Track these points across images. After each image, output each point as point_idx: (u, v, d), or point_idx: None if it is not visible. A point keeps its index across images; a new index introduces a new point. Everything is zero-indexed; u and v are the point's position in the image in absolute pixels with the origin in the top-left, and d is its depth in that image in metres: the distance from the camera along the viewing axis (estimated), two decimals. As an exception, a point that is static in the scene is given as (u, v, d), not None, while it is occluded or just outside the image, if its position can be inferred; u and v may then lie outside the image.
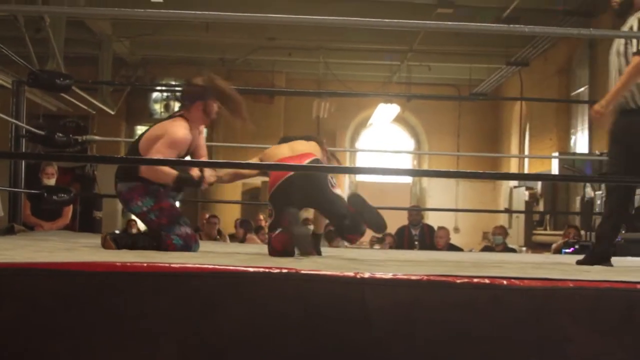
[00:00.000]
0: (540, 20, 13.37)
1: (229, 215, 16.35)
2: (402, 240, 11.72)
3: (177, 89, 23.34)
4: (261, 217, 15.04)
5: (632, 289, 3.20)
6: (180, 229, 5.13)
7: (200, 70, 19.53)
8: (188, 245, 5.12)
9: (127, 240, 5.03)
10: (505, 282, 3.10)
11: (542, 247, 13.95)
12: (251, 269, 2.98)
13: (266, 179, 5.42)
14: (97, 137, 10.55)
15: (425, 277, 3.04)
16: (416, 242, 11.63)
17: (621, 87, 5.20)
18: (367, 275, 2.99)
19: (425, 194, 21.53)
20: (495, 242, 11.83)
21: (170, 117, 5.44)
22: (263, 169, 5.36)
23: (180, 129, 5.15)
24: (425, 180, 21.70)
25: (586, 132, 15.62)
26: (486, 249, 12.28)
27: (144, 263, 2.96)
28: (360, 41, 17.07)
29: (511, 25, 4.46)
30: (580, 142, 16.20)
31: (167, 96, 21.73)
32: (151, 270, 2.93)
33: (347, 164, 21.33)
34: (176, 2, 14.18)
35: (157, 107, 21.97)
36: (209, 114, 5.30)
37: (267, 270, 2.97)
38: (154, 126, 5.35)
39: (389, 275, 3.01)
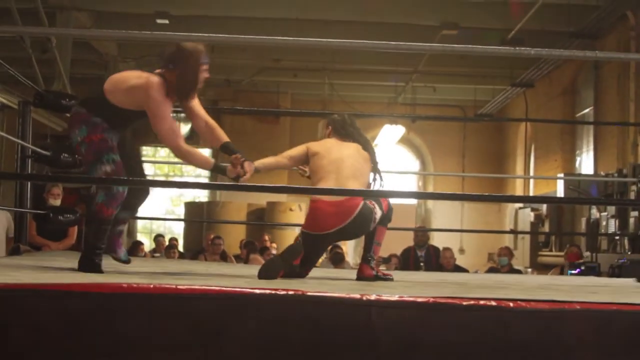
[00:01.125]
0: (545, 42, 13.37)
1: (234, 236, 16.34)
2: (408, 261, 11.70)
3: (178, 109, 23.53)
4: (266, 237, 15.04)
5: (638, 311, 3.19)
6: (101, 168, 4.67)
7: (205, 91, 19.65)
8: (111, 196, 4.68)
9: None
10: (511, 304, 3.09)
11: (547, 268, 13.93)
12: (257, 291, 2.98)
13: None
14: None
15: (432, 299, 3.04)
16: (422, 264, 11.61)
17: None
18: (373, 297, 2.99)
19: (431, 215, 21.52)
20: (501, 263, 11.80)
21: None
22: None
23: (151, 78, 4.82)
24: (430, 201, 21.70)
25: (591, 153, 15.61)
26: (492, 270, 12.26)
27: (150, 284, 2.96)
28: (365, 62, 17.11)
29: (517, 48, 4.47)
30: (586, 163, 16.20)
31: (173, 117, 21.78)
32: (158, 292, 2.93)
33: (352, 185, 21.36)
34: (182, 23, 14.24)
35: (163, 128, 22.02)
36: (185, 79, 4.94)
37: (273, 292, 2.96)
38: (126, 72, 5.04)
39: (396, 297, 3.01)
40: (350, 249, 20.65)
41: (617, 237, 12.06)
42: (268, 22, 14.54)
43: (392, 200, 5.36)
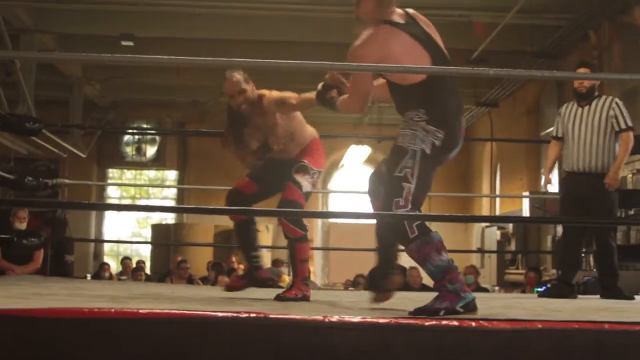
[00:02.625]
0: (509, 61, 13.49)
1: (202, 258, 16.26)
2: (374, 281, 11.68)
3: (148, 131, 23.44)
4: (234, 259, 14.98)
5: (600, 329, 3.22)
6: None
7: (171, 112, 19.59)
8: None
9: None
10: (473, 323, 3.11)
11: (514, 286, 13.98)
12: (220, 314, 2.97)
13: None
14: (67, 181, 10.52)
15: (394, 320, 3.05)
16: (388, 284, 11.60)
17: (622, 159, 6.89)
18: (335, 318, 2.99)
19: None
20: (467, 282, 11.77)
21: None
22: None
23: None
24: (397, 221, 21.71)
25: (556, 171, 15.71)
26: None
27: (111, 309, 2.95)
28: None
29: (475, 68, 4.51)
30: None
31: (139, 139, 21.71)
32: (119, 317, 2.92)
33: (320, 206, 21.37)
34: (147, 45, 14.22)
35: (129, 150, 21.94)
36: None
37: (235, 315, 2.96)
38: None
39: (358, 319, 3.02)
40: (318, 269, 20.65)
41: (582, 255, 12.11)
42: (233, 44, 14.54)
43: (359, 221, 5.40)
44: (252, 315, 2.97)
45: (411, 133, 3.93)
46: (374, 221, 4.94)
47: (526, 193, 15.79)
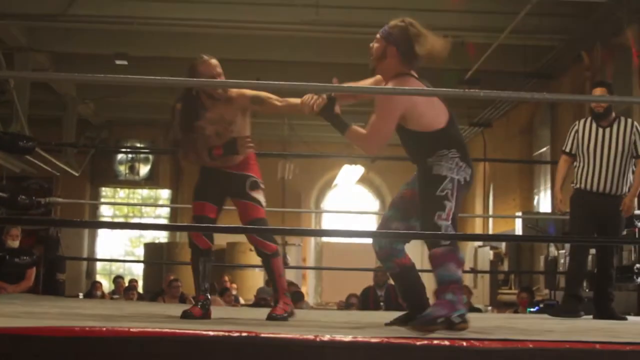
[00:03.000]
0: (502, 82, 13.54)
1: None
2: (368, 301, 11.68)
3: (142, 150, 23.44)
4: (226, 278, 14.98)
5: (591, 349, 3.22)
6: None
7: (164, 132, 19.54)
8: None
9: None
10: (465, 343, 3.11)
11: (507, 306, 13.97)
12: (211, 333, 2.97)
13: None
14: (60, 200, 10.51)
15: (385, 340, 3.04)
16: (382, 303, 11.60)
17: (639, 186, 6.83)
18: (326, 337, 2.99)
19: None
20: (461, 301, 11.82)
21: None
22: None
23: None
24: (391, 241, 21.70)
25: (549, 192, 15.75)
26: (451, 308, 12.27)
27: (103, 327, 2.94)
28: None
29: (466, 90, 4.54)
30: (543, 201, 16.33)
31: (132, 158, 21.71)
32: (110, 335, 2.91)
33: (313, 225, 21.37)
34: (141, 64, 14.25)
35: (122, 169, 21.94)
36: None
37: (226, 334, 2.96)
38: None
39: (349, 338, 3.02)
40: (311, 289, 20.64)
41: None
42: (227, 64, 14.51)
43: (353, 240, 5.34)
44: (244, 334, 2.97)
45: (447, 165, 4.37)
46: (366, 241, 5.08)
47: (519, 213, 15.82)
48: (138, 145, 21.45)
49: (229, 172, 5.30)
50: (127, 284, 15.32)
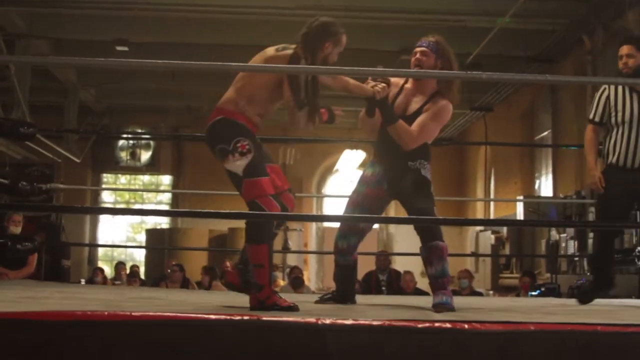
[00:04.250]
0: (504, 66, 13.50)
1: (196, 263, 16.25)
2: (370, 285, 11.71)
3: (143, 136, 23.42)
4: (228, 263, 14.98)
5: (593, 331, 3.22)
6: None
7: (165, 117, 19.59)
8: None
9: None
10: (466, 325, 3.11)
11: (509, 290, 13.99)
12: (213, 316, 2.98)
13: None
14: (61, 186, 10.53)
15: (387, 323, 3.05)
16: (383, 287, 11.63)
17: None
18: (328, 321, 3.00)
19: (392, 239, 21.53)
20: (461, 285, 11.85)
21: None
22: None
23: None
24: (392, 226, 21.72)
25: (550, 175, 15.74)
26: (453, 292, 12.28)
27: (104, 312, 2.95)
28: (325, 87, 17.15)
29: (468, 72, 4.55)
30: (545, 185, 16.32)
31: (134, 144, 21.70)
32: (112, 319, 2.92)
33: (314, 210, 21.36)
34: (141, 50, 14.22)
35: (123, 155, 21.92)
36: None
37: (228, 317, 2.97)
38: None
39: (350, 321, 3.02)
40: (313, 273, 20.66)
41: (576, 259, 12.15)
42: (229, 49, 14.52)
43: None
44: (246, 317, 2.98)
45: (429, 171, 5.15)
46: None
47: (520, 197, 15.82)
48: (139, 131, 21.44)
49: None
50: (128, 270, 15.34)
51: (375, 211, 5.14)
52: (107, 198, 22.61)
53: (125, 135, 22.91)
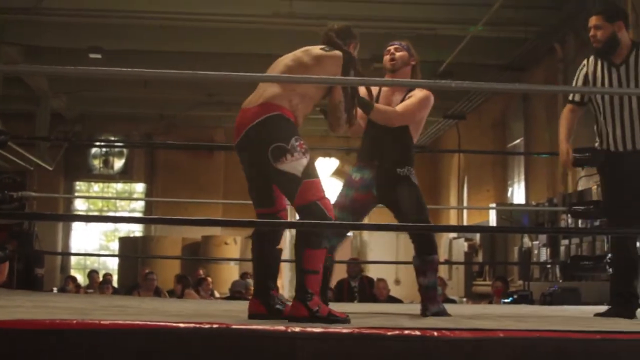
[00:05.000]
0: (476, 74, 13.56)
1: (169, 271, 16.21)
2: (342, 293, 11.71)
3: (115, 144, 23.34)
4: (201, 272, 14.95)
5: (561, 338, 3.24)
6: None
7: (138, 125, 19.52)
8: None
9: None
10: (435, 333, 3.12)
11: (482, 297, 14.03)
12: (182, 325, 2.97)
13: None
14: (33, 194, 10.49)
15: (356, 330, 3.06)
16: (356, 294, 11.64)
17: None
18: (297, 329, 3.00)
19: (366, 247, 21.56)
20: (435, 293, 11.85)
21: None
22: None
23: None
24: (365, 233, 21.73)
25: (522, 183, 15.82)
26: (426, 300, 12.31)
27: (73, 320, 2.94)
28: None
29: (437, 81, 4.58)
30: (517, 193, 16.40)
31: (106, 152, 21.62)
32: (80, 328, 2.91)
33: (289, 217, 21.32)
34: (115, 57, 14.17)
35: (96, 163, 21.83)
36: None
37: (197, 326, 2.96)
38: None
39: (320, 329, 3.03)
40: (286, 281, 20.62)
41: (548, 266, 12.21)
42: (201, 57, 14.52)
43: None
44: (215, 326, 2.97)
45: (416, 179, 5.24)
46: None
47: (493, 205, 15.89)
48: (112, 138, 21.37)
49: None
50: (101, 279, 15.27)
51: (360, 215, 5.17)
52: (80, 206, 22.50)
53: (98, 143, 22.82)
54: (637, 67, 5.31)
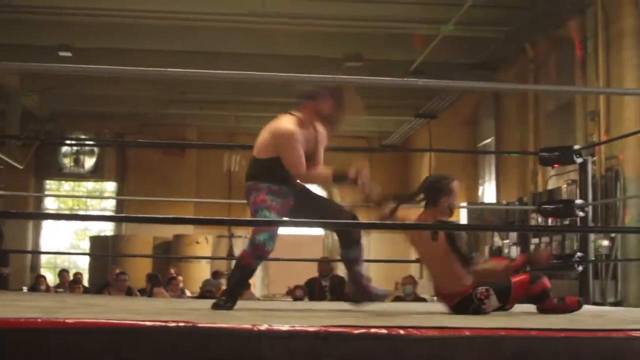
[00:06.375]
0: (447, 74, 13.59)
1: (140, 270, 16.15)
2: (313, 291, 11.72)
3: (87, 142, 23.22)
4: (172, 271, 14.92)
5: (527, 336, 3.26)
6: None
7: (110, 124, 19.41)
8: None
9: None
10: (402, 331, 3.12)
11: (452, 296, 14.06)
12: (148, 323, 2.96)
13: None
14: (2, 192, 10.41)
15: (323, 329, 3.05)
16: (327, 293, 11.65)
17: None
18: (264, 327, 3.00)
19: (337, 246, 21.56)
20: (405, 291, 11.90)
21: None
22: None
23: (286, 123, 5.17)
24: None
25: (493, 182, 15.89)
26: (397, 299, 12.34)
27: (38, 319, 2.92)
28: (271, 95, 17.13)
29: (405, 79, 4.58)
30: (488, 192, 16.47)
31: (77, 150, 21.50)
32: (46, 327, 2.89)
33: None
34: (85, 55, 14.09)
35: (67, 162, 21.69)
36: (321, 113, 5.21)
37: (163, 324, 2.96)
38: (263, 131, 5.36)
39: (286, 327, 3.02)
40: (258, 280, 20.61)
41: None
42: (173, 55, 14.48)
43: (301, 231, 5.46)
44: (181, 324, 2.97)
45: None
46: (312, 232, 5.38)
47: (464, 204, 15.93)
48: (83, 137, 21.25)
49: None
50: (72, 278, 15.20)
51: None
52: (51, 205, 22.39)
53: (68, 142, 22.70)
54: None
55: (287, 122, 5.17)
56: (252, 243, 5.10)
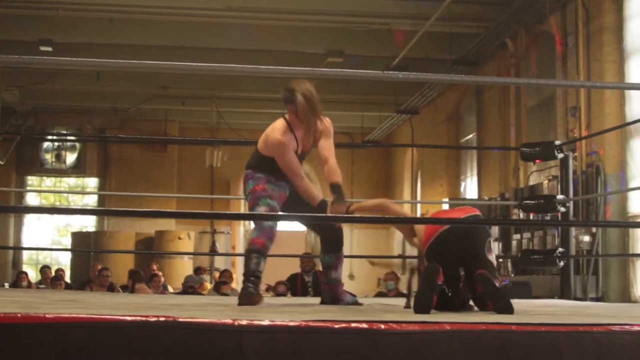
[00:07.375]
0: (429, 69, 13.65)
1: (123, 266, 16.13)
2: (296, 287, 11.73)
3: (68, 138, 23.14)
4: (154, 267, 14.88)
5: (507, 330, 3.27)
6: (257, 210, 5.33)
7: (91, 119, 19.39)
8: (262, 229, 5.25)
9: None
10: (383, 326, 3.13)
11: (435, 292, 14.08)
12: (128, 318, 2.96)
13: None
14: (-18, 188, 10.36)
15: (304, 323, 3.05)
16: (310, 289, 11.66)
17: None
18: (244, 322, 2.99)
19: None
20: (388, 287, 11.93)
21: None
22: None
23: (276, 132, 5.28)
24: (319, 228, 21.73)
25: (475, 178, 15.93)
26: (380, 294, 12.38)
27: (18, 314, 2.91)
28: (252, 90, 17.14)
29: (385, 72, 4.59)
30: (470, 187, 16.51)
31: (59, 145, 21.42)
32: (25, 322, 2.88)
33: (242, 211, 21.31)
34: (66, 50, 14.05)
35: (48, 157, 21.59)
36: (300, 117, 5.27)
37: (144, 319, 2.95)
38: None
39: (267, 322, 3.02)
40: (240, 276, 20.61)
41: (500, 260, 12.30)
42: (154, 50, 14.46)
43: (283, 226, 5.51)
44: (161, 319, 2.96)
45: None
46: (295, 228, 5.49)
47: (446, 199, 15.98)
48: (64, 132, 21.18)
49: None
50: (54, 274, 15.15)
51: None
52: (32, 201, 22.30)
53: (50, 137, 22.61)
54: None
55: (277, 131, 5.27)
56: (261, 228, 5.22)
